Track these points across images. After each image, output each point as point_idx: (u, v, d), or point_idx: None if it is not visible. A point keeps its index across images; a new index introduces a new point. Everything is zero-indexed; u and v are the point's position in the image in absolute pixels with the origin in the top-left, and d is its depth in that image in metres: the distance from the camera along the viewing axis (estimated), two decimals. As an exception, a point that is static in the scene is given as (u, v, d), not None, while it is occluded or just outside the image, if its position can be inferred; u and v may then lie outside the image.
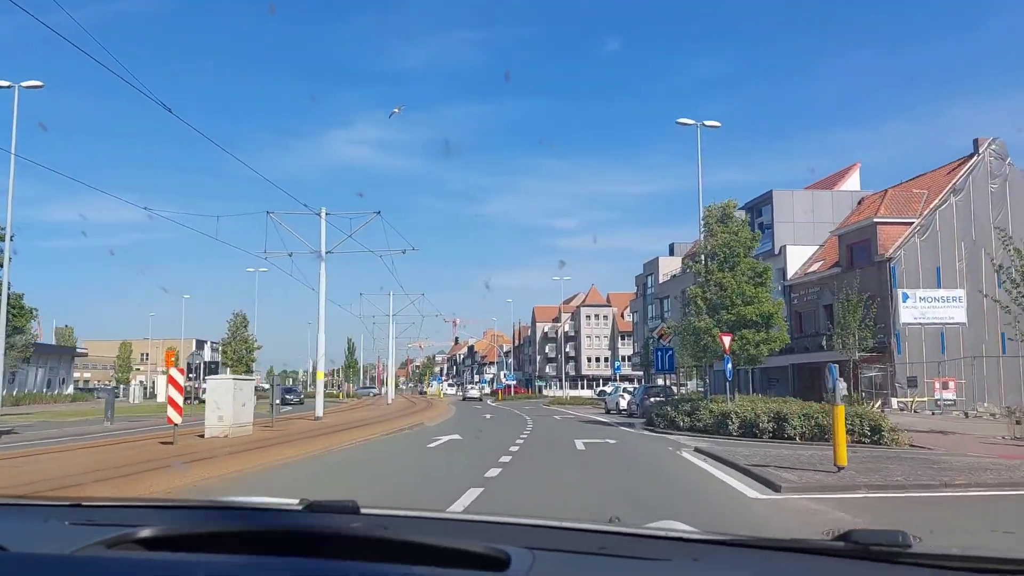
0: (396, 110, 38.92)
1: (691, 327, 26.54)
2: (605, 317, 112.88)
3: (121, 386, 71.90)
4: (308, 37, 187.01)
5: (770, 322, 25.46)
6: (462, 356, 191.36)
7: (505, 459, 14.93)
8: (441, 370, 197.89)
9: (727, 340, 24.02)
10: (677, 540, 1.51)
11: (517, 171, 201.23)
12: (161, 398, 57.28)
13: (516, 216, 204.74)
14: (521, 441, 20.50)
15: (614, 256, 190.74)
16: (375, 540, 1.38)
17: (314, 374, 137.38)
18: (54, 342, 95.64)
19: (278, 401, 55.97)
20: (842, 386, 36.69)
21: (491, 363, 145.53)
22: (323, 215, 33.17)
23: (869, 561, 1.25)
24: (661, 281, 68.18)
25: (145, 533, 1.41)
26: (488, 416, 39.63)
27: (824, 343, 40.46)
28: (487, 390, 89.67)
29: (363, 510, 1.65)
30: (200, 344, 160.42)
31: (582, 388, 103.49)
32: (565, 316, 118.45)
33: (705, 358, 26.94)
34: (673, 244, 74.25)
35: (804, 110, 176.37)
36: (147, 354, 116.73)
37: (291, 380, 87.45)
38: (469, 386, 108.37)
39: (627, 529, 1.61)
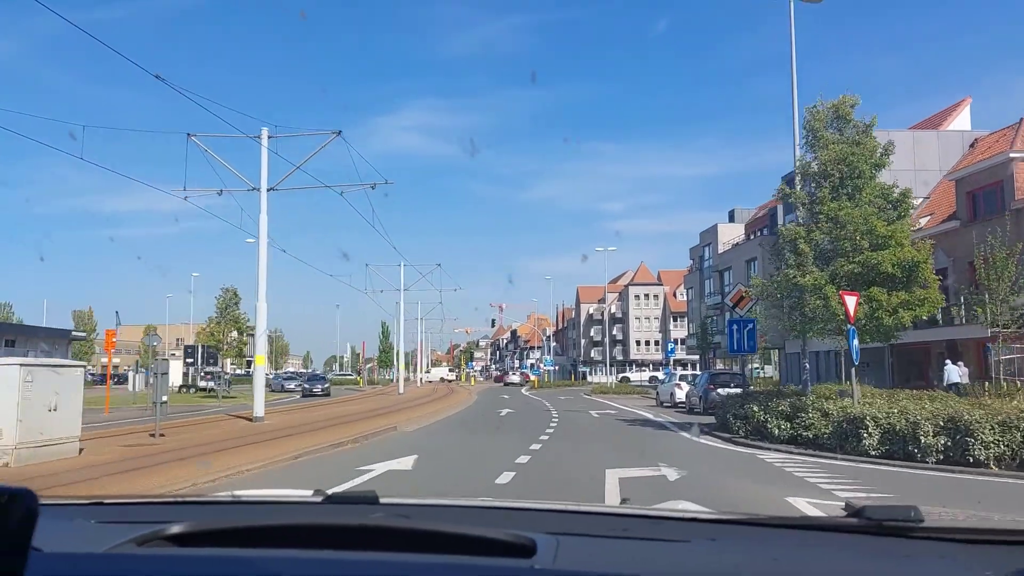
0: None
1: (789, 284, 17.62)
2: (655, 297, 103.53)
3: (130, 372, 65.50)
4: (354, 27, 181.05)
5: (914, 275, 16.54)
6: (505, 341, 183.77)
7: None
8: (486, 355, 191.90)
9: (851, 302, 15.25)
10: (694, 521, 1.56)
11: (566, 156, 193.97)
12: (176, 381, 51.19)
13: (564, 201, 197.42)
14: (516, 466, 12.09)
15: (664, 240, 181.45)
16: (398, 531, 1.38)
17: (354, 359, 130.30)
18: (72, 326, 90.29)
19: (304, 388, 48.24)
20: (962, 371, 22.97)
21: (534, 348, 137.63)
22: (264, 136, 24.48)
23: (882, 536, 1.28)
24: (720, 251, 58.86)
25: (174, 530, 1.40)
26: (504, 412, 31.34)
27: (960, 315, 30.80)
28: (515, 377, 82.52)
29: (383, 499, 1.65)
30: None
31: (631, 372, 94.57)
32: (611, 296, 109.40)
33: (809, 330, 17.97)
34: (734, 210, 64.69)
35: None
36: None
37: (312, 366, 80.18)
38: (511, 372, 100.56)
39: (647, 511, 1.64)
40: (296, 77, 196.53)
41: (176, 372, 46.42)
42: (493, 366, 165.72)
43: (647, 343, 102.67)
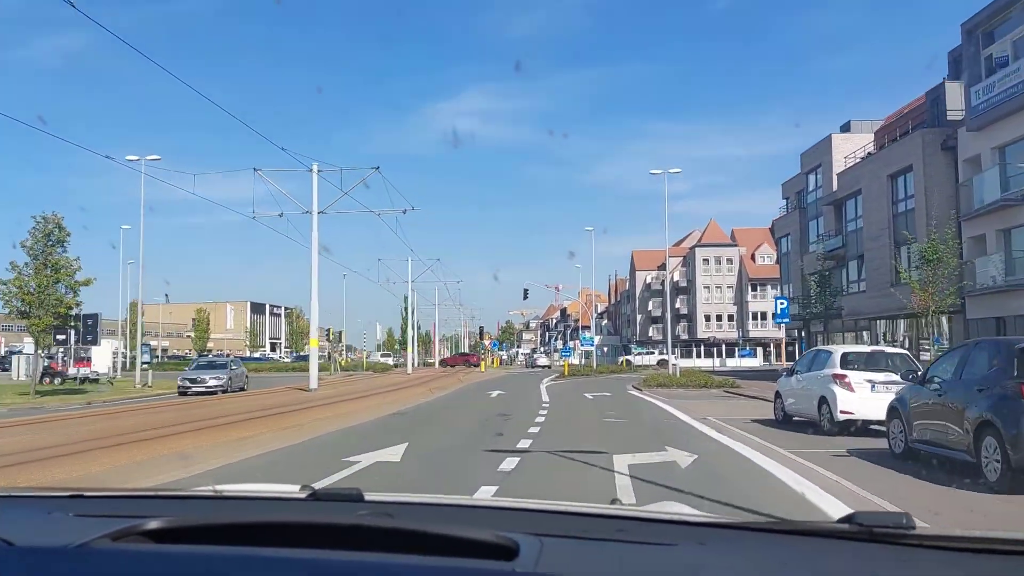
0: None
1: None
2: (729, 261, 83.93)
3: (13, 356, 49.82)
4: (411, 9, 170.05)
5: None
6: (555, 320, 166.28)
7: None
8: (536, 336, 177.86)
9: None
10: (683, 524, 1.53)
11: (628, 136, 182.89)
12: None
13: (626, 182, 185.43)
14: None
15: (725, 220, 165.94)
16: (381, 530, 1.37)
17: (390, 339, 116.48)
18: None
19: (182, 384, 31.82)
20: None
21: (587, 327, 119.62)
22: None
23: (873, 543, 1.27)
24: (840, 170, 39.44)
25: (151, 525, 1.38)
26: (482, 421, 13.31)
27: None
28: (543, 360, 66.84)
29: (368, 496, 1.66)
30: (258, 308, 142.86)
31: (697, 357, 75.59)
32: (674, 261, 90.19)
33: None
34: (849, 123, 44.84)
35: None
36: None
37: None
38: (536, 354, 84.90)
39: (635, 513, 1.63)
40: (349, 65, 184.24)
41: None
42: (540, 348, 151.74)
43: (718, 318, 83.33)
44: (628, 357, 75.69)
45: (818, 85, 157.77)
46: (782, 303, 23.86)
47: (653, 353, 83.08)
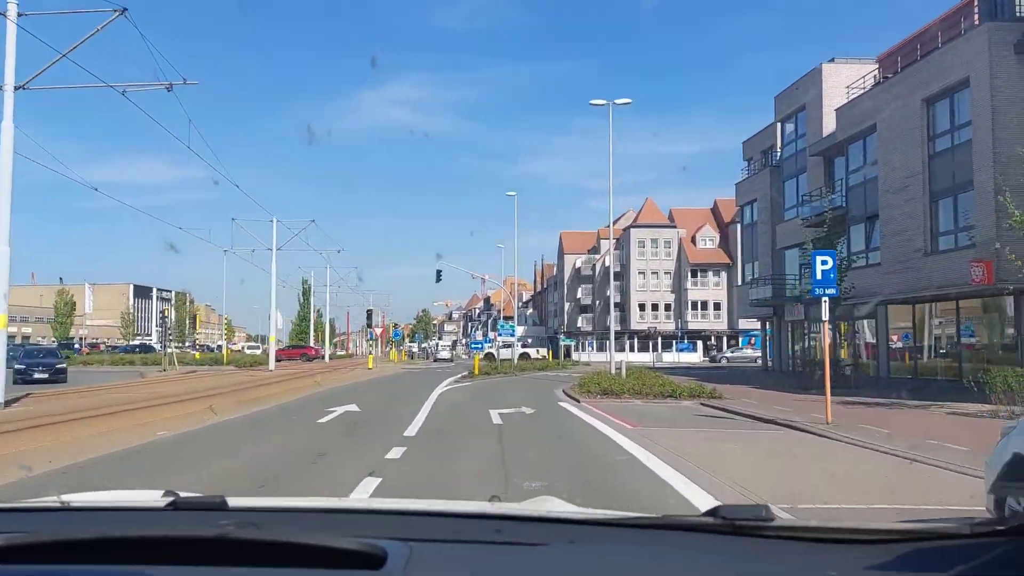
0: None
1: None
2: (667, 243, 74.88)
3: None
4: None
5: None
6: (477, 311, 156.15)
7: None
8: (458, 328, 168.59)
9: None
10: (554, 522, 1.52)
11: (554, 131, 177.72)
12: None
13: (552, 177, 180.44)
14: None
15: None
16: (246, 542, 1.29)
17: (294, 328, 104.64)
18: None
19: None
20: None
21: (510, 318, 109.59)
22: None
23: (736, 536, 1.31)
24: (836, 105, 29.95)
25: None
26: None
27: None
28: (444, 353, 56.45)
29: (232, 503, 1.58)
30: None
31: (631, 351, 66.32)
32: (607, 244, 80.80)
33: None
34: (832, 60, 35.39)
35: None
36: None
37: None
38: (439, 348, 75.30)
39: (508, 511, 1.60)
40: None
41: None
42: (462, 340, 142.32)
43: (654, 307, 74.21)
44: (573, 350, 65.77)
45: (749, 83, 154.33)
46: (825, 263, 13.76)
47: (587, 348, 73.51)
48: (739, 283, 41.56)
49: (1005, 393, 14.94)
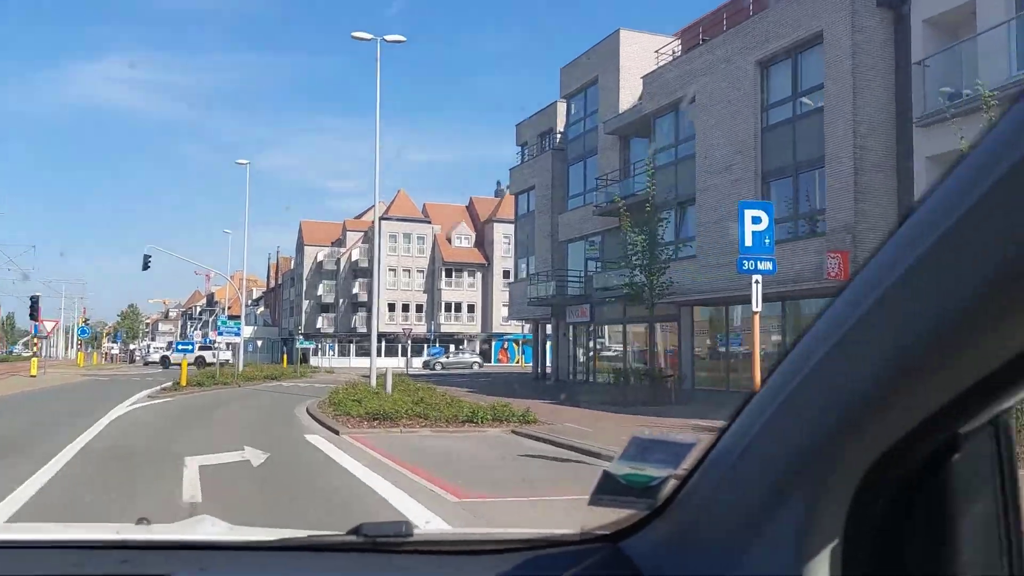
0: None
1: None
2: (421, 239, 69.34)
3: None
4: None
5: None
6: (199, 309, 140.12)
7: None
8: (175, 328, 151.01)
9: None
10: (187, 548, 1.38)
11: (295, 127, 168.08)
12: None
13: (290, 173, 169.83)
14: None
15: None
16: None
17: None
18: None
19: None
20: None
21: (235, 317, 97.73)
22: None
23: (377, 553, 1.30)
24: (637, 76, 25.96)
25: None
26: None
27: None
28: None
29: None
30: None
31: (378, 355, 59.66)
32: (354, 236, 73.46)
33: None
34: (619, 31, 31.71)
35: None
36: None
37: None
38: (153, 349, 63.79)
39: (135, 537, 1.40)
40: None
41: None
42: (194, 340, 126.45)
43: (404, 308, 68.23)
44: (312, 354, 57.29)
45: (490, 94, 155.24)
46: (757, 220, 8.51)
47: (330, 352, 65.39)
48: (512, 280, 36.82)
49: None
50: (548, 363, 35.44)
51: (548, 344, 36.30)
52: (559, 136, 33.82)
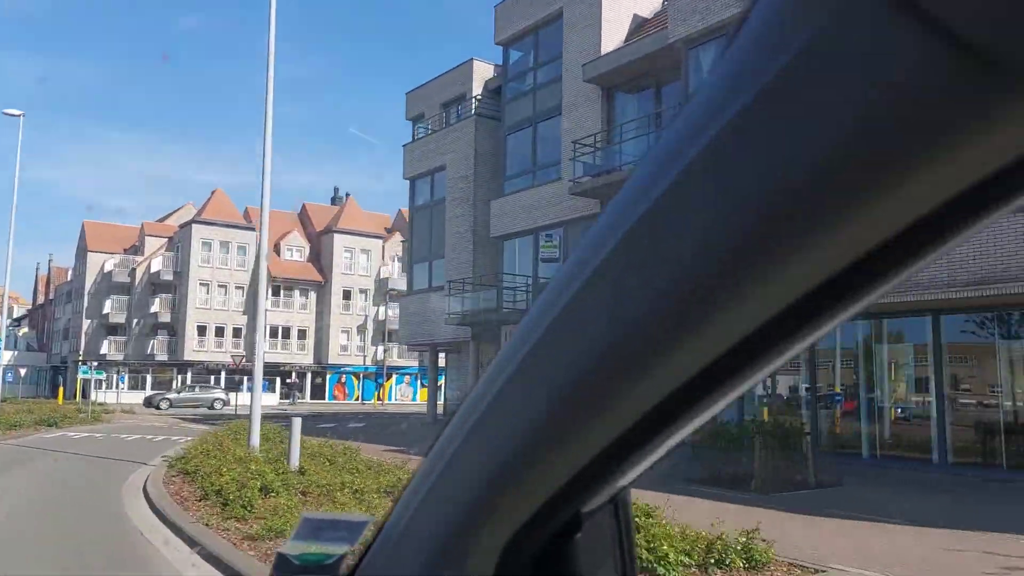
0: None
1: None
2: (242, 249, 57.62)
3: None
4: None
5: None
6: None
7: None
8: None
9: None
10: None
11: (67, 139, 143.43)
12: None
13: (65, 188, 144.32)
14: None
15: None
16: None
17: None
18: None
19: None
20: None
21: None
22: None
23: None
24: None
25: None
26: None
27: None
28: None
29: None
30: None
31: (182, 389, 47.85)
32: (155, 243, 59.85)
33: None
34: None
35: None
36: None
37: None
38: None
39: None
40: None
41: None
42: None
43: (218, 332, 56.05)
44: (92, 387, 43.64)
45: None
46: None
47: (116, 387, 51.48)
48: (409, 290, 27.71)
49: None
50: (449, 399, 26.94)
51: (443, 378, 27.75)
52: (476, 100, 25.69)
